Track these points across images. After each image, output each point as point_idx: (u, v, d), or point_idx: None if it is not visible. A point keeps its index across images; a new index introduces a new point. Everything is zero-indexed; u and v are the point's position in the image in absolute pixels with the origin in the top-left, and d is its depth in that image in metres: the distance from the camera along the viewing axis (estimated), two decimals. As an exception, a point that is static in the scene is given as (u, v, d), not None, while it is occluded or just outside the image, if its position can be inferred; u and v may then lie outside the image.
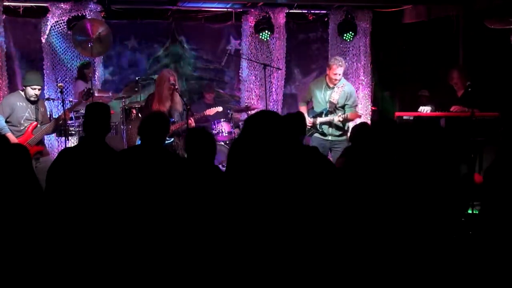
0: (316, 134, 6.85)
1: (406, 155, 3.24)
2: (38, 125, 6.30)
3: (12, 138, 6.06)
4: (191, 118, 6.52)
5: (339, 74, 6.76)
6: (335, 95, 6.80)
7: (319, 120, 6.79)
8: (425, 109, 6.65)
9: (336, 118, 6.72)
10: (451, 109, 6.52)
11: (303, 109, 6.93)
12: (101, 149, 4.01)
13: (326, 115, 6.79)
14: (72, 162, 3.89)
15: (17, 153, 3.62)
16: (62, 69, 7.61)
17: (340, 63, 6.76)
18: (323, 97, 6.85)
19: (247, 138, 2.86)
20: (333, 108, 6.81)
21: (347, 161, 3.31)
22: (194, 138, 3.84)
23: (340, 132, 6.82)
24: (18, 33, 7.76)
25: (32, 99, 6.28)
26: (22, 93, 6.35)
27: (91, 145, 3.95)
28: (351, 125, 7.06)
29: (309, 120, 6.73)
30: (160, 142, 4.25)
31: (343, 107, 6.84)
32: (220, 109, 7.25)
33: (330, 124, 6.78)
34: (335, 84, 6.79)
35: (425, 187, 3.12)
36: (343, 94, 6.83)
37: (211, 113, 7.09)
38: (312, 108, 7.01)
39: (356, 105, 7.22)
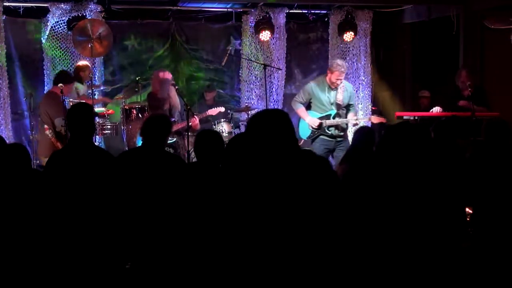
0: (322, 136, 6.70)
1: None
2: None
3: None
4: (195, 116, 6.55)
5: (341, 80, 6.70)
6: (340, 96, 6.71)
7: (328, 122, 6.63)
8: (436, 109, 6.62)
9: (353, 120, 6.68)
10: (459, 104, 6.50)
11: (301, 110, 6.79)
12: (90, 148, 4.02)
13: (334, 117, 6.66)
14: (65, 163, 3.88)
15: (16, 153, 3.62)
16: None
17: (343, 69, 6.66)
18: (327, 98, 6.71)
19: (251, 136, 2.83)
20: (339, 109, 6.74)
21: (354, 167, 3.25)
22: (203, 140, 3.81)
23: (343, 133, 6.80)
24: (18, 33, 7.74)
25: None
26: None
27: (79, 145, 3.96)
28: (350, 125, 7.08)
29: (315, 122, 6.65)
30: (162, 143, 4.26)
31: (346, 107, 6.79)
32: (222, 109, 7.28)
33: (336, 126, 6.66)
34: (336, 87, 6.74)
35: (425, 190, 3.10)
36: (346, 94, 6.77)
37: (214, 113, 7.12)
38: (309, 109, 6.85)
39: None
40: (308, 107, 6.84)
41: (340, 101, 6.71)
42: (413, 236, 2.87)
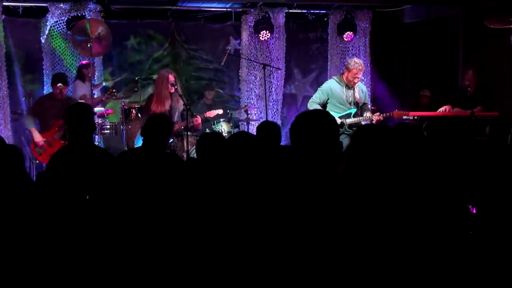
0: (343, 135, 6.45)
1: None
2: None
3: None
4: (198, 117, 6.54)
5: (359, 78, 6.65)
6: (357, 95, 6.66)
7: (348, 121, 6.54)
8: (444, 109, 6.59)
9: (376, 117, 6.51)
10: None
11: None
12: (91, 148, 4.02)
13: (354, 116, 6.60)
14: (66, 164, 3.88)
15: (9, 154, 3.61)
16: (61, 69, 7.61)
17: (360, 67, 6.57)
18: (345, 98, 6.63)
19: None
20: (358, 108, 6.70)
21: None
22: (206, 143, 3.80)
23: None
24: (17, 33, 7.74)
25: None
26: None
27: (79, 145, 3.95)
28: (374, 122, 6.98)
29: (337, 121, 6.42)
30: (162, 143, 4.25)
31: (362, 106, 6.75)
32: (220, 111, 7.24)
33: (356, 124, 6.50)
34: (353, 86, 6.67)
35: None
36: (362, 93, 6.74)
37: (211, 116, 7.10)
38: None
39: None
40: (322, 107, 6.74)
41: (358, 99, 6.67)
42: (412, 239, 2.87)
